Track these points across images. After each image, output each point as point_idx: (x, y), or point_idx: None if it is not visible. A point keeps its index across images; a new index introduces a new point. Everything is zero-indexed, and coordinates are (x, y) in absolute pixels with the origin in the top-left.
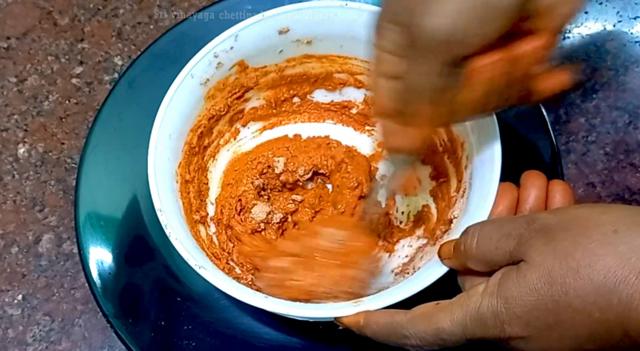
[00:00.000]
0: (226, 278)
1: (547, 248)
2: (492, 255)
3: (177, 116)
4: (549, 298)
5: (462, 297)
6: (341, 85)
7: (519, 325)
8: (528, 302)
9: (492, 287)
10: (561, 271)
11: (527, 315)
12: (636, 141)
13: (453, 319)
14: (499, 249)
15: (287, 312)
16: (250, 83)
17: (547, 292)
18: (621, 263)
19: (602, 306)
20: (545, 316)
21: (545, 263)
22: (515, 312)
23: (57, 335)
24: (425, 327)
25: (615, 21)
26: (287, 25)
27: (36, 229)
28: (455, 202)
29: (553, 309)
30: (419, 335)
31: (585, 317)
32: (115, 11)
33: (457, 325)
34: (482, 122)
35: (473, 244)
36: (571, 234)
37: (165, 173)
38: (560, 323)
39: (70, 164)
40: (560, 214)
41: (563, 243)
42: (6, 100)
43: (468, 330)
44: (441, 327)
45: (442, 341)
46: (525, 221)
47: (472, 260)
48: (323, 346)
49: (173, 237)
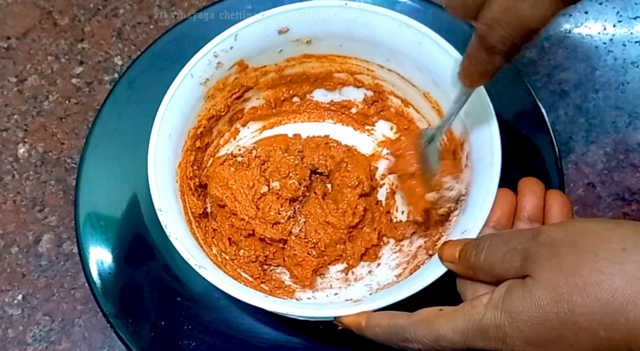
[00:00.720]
0: (226, 278)
1: (552, 264)
2: (499, 269)
3: (177, 116)
4: (554, 314)
5: (466, 306)
6: (341, 84)
7: (521, 340)
8: (532, 317)
9: (497, 300)
10: (567, 289)
11: (531, 330)
12: (636, 141)
13: (455, 327)
14: (505, 263)
15: (287, 312)
16: (250, 83)
17: (553, 309)
18: (629, 283)
19: (608, 325)
20: (549, 333)
21: (552, 280)
22: (518, 327)
23: (57, 335)
24: (426, 332)
25: (615, 21)
26: (286, 24)
27: (36, 229)
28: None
29: (558, 326)
30: (420, 339)
31: (590, 335)
32: (115, 11)
33: (459, 334)
34: (481, 122)
35: (481, 257)
36: (578, 250)
37: (165, 172)
38: (564, 339)
39: (70, 164)
40: (567, 228)
41: (569, 260)
42: (6, 100)
43: (469, 340)
44: (442, 334)
45: (442, 348)
46: (532, 234)
47: (480, 272)
48: (323, 346)
49: (173, 236)
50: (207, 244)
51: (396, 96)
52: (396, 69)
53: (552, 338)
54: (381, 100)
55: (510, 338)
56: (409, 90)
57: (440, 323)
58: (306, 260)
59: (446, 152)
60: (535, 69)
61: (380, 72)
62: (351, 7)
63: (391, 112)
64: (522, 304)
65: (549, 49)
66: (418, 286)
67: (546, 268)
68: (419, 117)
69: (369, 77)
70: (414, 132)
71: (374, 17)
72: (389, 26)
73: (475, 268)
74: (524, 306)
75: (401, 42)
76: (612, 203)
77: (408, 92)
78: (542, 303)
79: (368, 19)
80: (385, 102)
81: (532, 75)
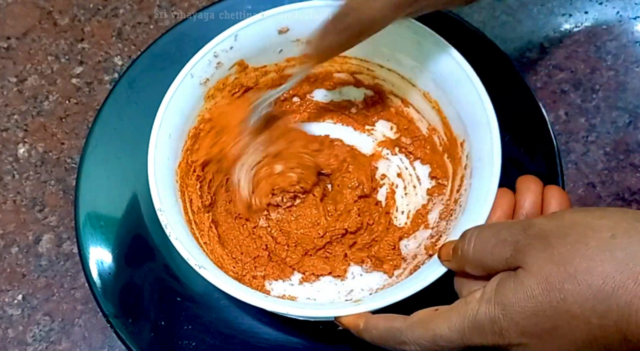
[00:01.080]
0: (226, 278)
1: (544, 255)
2: (489, 261)
3: (177, 116)
4: (547, 304)
5: (460, 303)
6: (340, 84)
7: (516, 332)
8: (526, 308)
9: (489, 293)
10: (559, 278)
11: (525, 322)
12: (636, 141)
13: (451, 326)
14: (495, 255)
15: (287, 312)
16: (250, 83)
17: (545, 298)
18: (619, 269)
19: (600, 312)
20: (543, 323)
21: (543, 270)
22: (513, 319)
23: (57, 335)
24: (423, 333)
25: (615, 21)
26: (286, 24)
27: (36, 229)
28: (455, 201)
29: (551, 315)
30: (417, 341)
31: (583, 323)
32: (115, 11)
33: (455, 332)
34: (481, 122)
35: (470, 249)
36: (568, 240)
37: (165, 173)
38: (558, 329)
39: (70, 164)
40: (557, 219)
41: (560, 250)
42: (6, 100)
43: (466, 337)
44: (439, 334)
45: (440, 348)
46: (522, 227)
47: (470, 265)
48: (323, 346)
49: (173, 236)
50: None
51: (396, 96)
52: (396, 68)
53: (547, 329)
54: (381, 100)
55: (506, 331)
56: (408, 90)
57: (437, 322)
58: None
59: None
60: (535, 69)
61: (380, 72)
62: None
63: (391, 112)
64: (515, 296)
65: (549, 49)
66: (418, 287)
67: (537, 259)
68: (418, 117)
69: (368, 77)
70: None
71: None
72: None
73: (466, 262)
74: (516, 297)
75: (401, 42)
76: (612, 203)
77: (408, 92)
78: (534, 293)
79: None
80: (385, 102)
81: (532, 75)
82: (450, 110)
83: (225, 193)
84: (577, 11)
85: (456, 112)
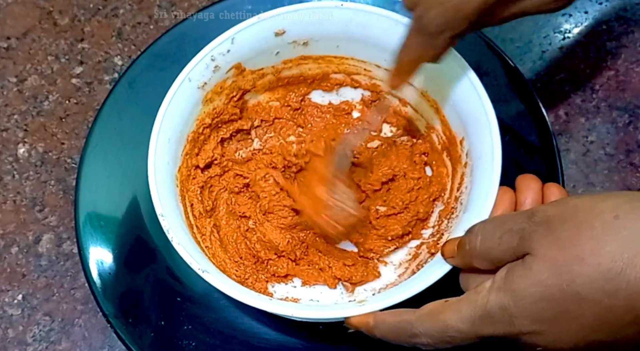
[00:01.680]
0: (230, 282)
1: (550, 240)
2: (496, 252)
3: (175, 120)
4: (556, 287)
5: (470, 294)
6: (338, 85)
7: (527, 318)
8: (535, 293)
9: (499, 282)
10: (566, 260)
11: (534, 307)
12: (636, 141)
13: (461, 316)
14: (502, 245)
15: (291, 314)
16: (248, 85)
17: (554, 282)
18: (626, 247)
19: (609, 292)
20: (553, 307)
21: (550, 254)
22: (523, 305)
23: (57, 335)
24: (434, 325)
25: (615, 21)
26: (283, 26)
27: (36, 229)
28: (456, 199)
29: (560, 299)
30: (428, 333)
31: (593, 305)
32: (115, 11)
33: (466, 322)
34: (481, 120)
35: (477, 242)
36: (573, 224)
37: (165, 177)
38: (567, 313)
39: (70, 164)
40: (560, 205)
41: (566, 233)
42: (6, 100)
43: (477, 327)
44: (449, 325)
45: (451, 338)
46: (526, 215)
47: (477, 258)
48: (323, 346)
49: (175, 241)
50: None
51: (394, 95)
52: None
53: (557, 313)
54: (379, 100)
55: (517, 319)
56: (406, 89)
57: (447, 313)
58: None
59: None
60: (535, 69)
61: (378, 72)
62: (347, 7)
63: (389, 111)
64: (524, 282)
65: (549, 49)
66: (422, 285)
67: (544, 244)
68: (417, 116)
69: (366, 78)
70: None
71: (370, 17)
72: (385, 26)
73: (473, 255)
74: (525, 283)
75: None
76: None
77: (405, 91)
78: (542, 277)
79: (364, 19)
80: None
81: (532, 75)
82: (449, 109)
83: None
84: (577, 11)
85: (455, 111)
